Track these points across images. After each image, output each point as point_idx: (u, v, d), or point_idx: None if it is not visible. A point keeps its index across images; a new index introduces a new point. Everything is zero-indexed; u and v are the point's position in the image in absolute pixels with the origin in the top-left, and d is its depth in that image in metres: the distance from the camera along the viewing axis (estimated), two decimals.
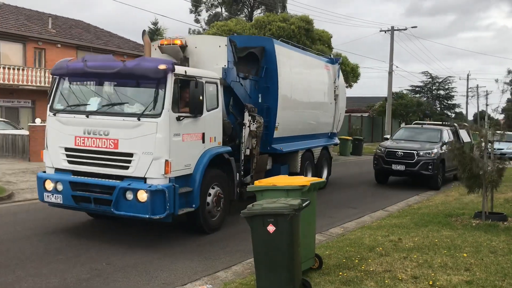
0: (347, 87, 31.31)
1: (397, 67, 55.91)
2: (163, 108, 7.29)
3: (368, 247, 7.38)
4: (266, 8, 45.35)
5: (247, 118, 9.66)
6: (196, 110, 7.70)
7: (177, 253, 7.30)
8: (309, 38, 26.26)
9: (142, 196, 7.10)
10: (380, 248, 7.27)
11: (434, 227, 8.83)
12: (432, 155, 14.90)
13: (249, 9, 48.31)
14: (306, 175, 12.55)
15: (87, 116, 7.67)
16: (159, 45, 9.51)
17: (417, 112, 42.89)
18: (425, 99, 51.60)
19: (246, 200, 9.09)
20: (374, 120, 42.30)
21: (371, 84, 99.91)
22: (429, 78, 53.86)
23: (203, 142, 8.15)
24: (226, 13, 48.42)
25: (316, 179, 6.27)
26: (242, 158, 9.59)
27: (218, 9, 50.81)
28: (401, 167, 15.00)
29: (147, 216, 7.13)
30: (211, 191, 8.31)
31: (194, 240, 7.96)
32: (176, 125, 7.45)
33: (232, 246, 7.77)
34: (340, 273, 6.06)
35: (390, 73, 35.38)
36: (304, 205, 5.21)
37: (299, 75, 12.45)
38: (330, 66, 14.84)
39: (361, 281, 5.78)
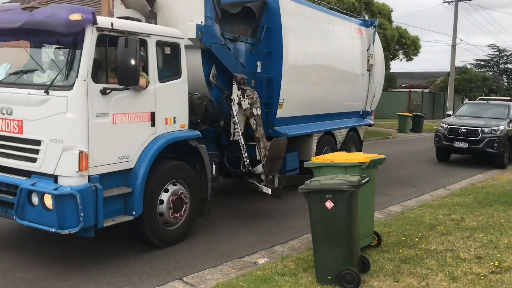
0: (407, 60, 30.35)
1: (461, 40, 53.19)
2: (77, 76, 5.27)
3: (429, 225, 7.21)
4: None
5: (236, 92, 7.68)
6: (126, 79, 5.45)
7: (235, 226, 7.43)
8: (369, 11, 25.54)
9: (49, 201, 5.20)
10: (442, 227, 7.08)
11: (500, 206, 8.47)
12: (498, 132, 14.21)
13: None
14: None
15: None
16: None
17: (481, 87, 40.89)
18: (491, 73, 48.97)
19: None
20: (436, 96, 40.78)
21: (433, 58, 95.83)
22: (496, 51, 50.85)
23: (153, 125, 6.09)
24: None
25: (375, 156, 6.13)
26: (231, 144, 7.92)
27: None
28: (464, 145, 14.43)
29: (53, 230, 5.19)
30: (168, 189, 6.31)
31: (252, 214, 8.06)
32: (100, 101, 5.42)
33: (288, 221, 7.81)
34: (400, 251, 5.97)
35: (454, 46, 33.80)
36: (363, 181, 5.14)
37: (315, 39, 9.94)
38: (364, 29, 12.01)
39: (421, 260, 5.67)
